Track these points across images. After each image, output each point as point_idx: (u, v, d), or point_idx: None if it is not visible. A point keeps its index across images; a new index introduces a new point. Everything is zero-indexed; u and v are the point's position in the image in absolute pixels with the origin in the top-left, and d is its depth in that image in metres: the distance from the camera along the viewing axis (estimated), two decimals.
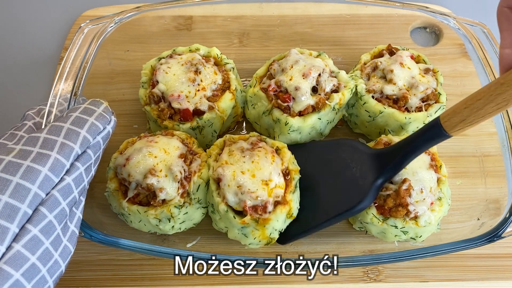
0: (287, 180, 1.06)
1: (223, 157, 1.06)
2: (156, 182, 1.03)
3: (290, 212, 1.04)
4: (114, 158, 1.12)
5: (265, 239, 1.05)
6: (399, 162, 1.02)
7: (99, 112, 0.96)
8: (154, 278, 1.13)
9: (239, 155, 1.06)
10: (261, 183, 1.01)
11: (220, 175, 1.03)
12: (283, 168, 1.06)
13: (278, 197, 1.02)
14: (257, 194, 1.00)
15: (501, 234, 1.01)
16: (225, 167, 1.03)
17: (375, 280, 1.13)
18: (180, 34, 1.47)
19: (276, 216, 1.01)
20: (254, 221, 1.00)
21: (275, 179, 1.03)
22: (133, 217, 1.07)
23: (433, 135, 0.93)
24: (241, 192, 1.00)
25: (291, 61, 1.21)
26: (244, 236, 1.05)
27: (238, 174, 1.02)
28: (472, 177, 1.24)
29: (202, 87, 1.20)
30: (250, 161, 1.04)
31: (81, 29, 1.22)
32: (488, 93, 0.79)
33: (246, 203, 1.00)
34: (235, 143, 1.10)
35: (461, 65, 1.41)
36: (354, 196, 1.03)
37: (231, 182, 1.01)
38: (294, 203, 1.05)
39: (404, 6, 1.35)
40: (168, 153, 1.07)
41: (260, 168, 1.03)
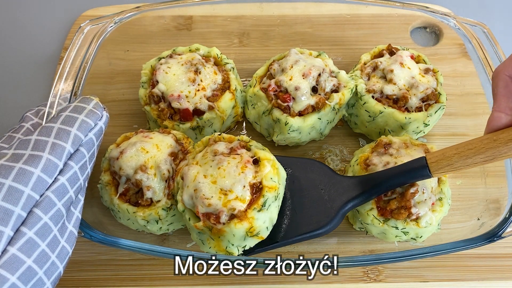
0: (256, 196, 0.95)
1: (197, 157, 1.01)
2: (145, 179, 1.03)
3: (251, 230, 0.93)
4: (110, 149, 1.13)
5: (222, 252, 0.97)
6: (374, 192, 1.01)
7: (89, 109, 0.95)
8: (154, 278, 1.13)
9: (210, 157, 0.99)
10: (219, 192, 0.93)
11: (183, 174, 0.98)
12: (255, 182, 0.95)
13: (234, 210, 0.92)
14: (210, 202, 0.92)
15: (501, 234, 1.01)
16: (191, 167, 0.98)
17: (375, 280, 1.13)
18: (180, 34, 1.47)
19: (230, 230, 0.91)
20: (208, 229, 0.94)
21: (237, 191, 0.93)
22: (122, 214, 1.07)
23: (417, 175, 0.96)
24: (196, 196, 0.94)
25: (291, 61, 1.21)
26: (201, 242, 1.00)
27: (200, 177, 0.95)
28: (472, 177, 1.24)
29: (202, 87, 1.20)
30: (216, 166, 0.96)
31: (81, 29, 1.22)
32: (480, 146, 0.85)
33: (197, 208, 0.94)
34: (215, 144, 1.03)
35: (461, 65, 1.41)
36: (319, 219, 0.99)
37: (190, 184, 0.96)
38: (259, 222, 0.94)
39: (404, 6, 1.35)
40: (159, 150, 1.07)
41: (224, 176, 0.94)
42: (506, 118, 0.84)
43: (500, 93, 0.85)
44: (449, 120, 1.33)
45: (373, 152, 1.13)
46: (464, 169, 0.90)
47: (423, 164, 0.94)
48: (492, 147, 0.84)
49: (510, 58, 0.85)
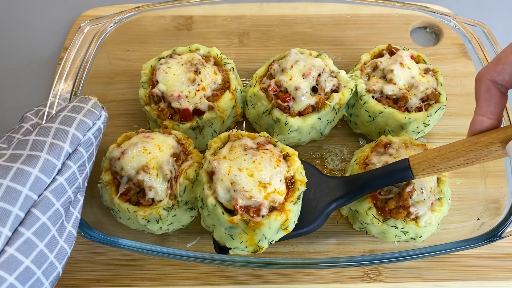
0: (290, 189, 0.97)
1: (222, 152, 0.99)
2: (147, 179, 1.03)
3: (286, 223, 0.94)
4: (110, 149, 1.13)
5: (252, 246, 0.96)
6: (358, 192, 1.03)
7: (88, 108, 0.95)
8: (154, 278, 1.13)
9: (240, 152, 0.98)
10: (258, 185, 0.93)
11: (214, 168, 0.95)
12: (288, 176, 0.97)
13: (275, 202, 0.93)
14: (251, 194, 0.91)
15: (501, 234, 1.01)
16: (222, 161, 0.96)
17: (375, 280, 1.13)
18: (180, 34, 1.47)
19: (269, 222, 0.91)
20: (243, 223, 0.91)
21: (275, 184, 0.94)
22: (122, 213, 1.07)
23: (400, 176, 0.98)
24: (234, 189, 0.92)
25: (291, 61, 1.20)
26: (230, 238, 0.96)
27: (235, 170, 0.94)
28: (472, 177, 1.23)
29: (202, 87, 1.20)
30: (251, 160, 0.96)
31: (81, 29, 1.22)
32: (461, 148, 0.88)
33: (237, 201, 0.91)
34: (240, 140, 1.02)
35: (461, 65, 1.41)
36: (303, 218, 1.00)
37: (225, 177, 0.93)
38: (293, 215, 0.96)
39: (404, 6, 1.35)
40: (161, 151, 1.07)
41: (261, 169, 0.95)
42: (487, 122, 0.86)
43: (482, 97, 0.87)
44: (449, 120, 1.33)
45: (373, 152, 1.13)
46: (446, 171, 0.92)
47: (405, 166, 0.96)
48: (473, 150, 0.86)
49: (492, 62, 0.85)
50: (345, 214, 1.18)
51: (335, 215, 1.20)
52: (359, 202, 1.10)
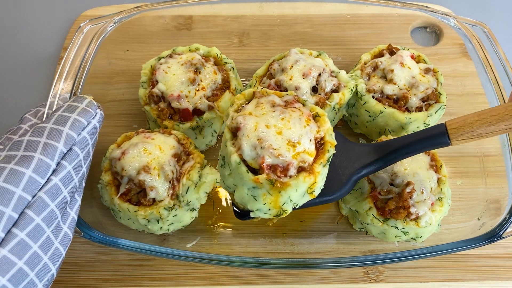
0: (320, 151, 0.90)
1: (248, 108, 0.92)
2: (148, 179, 1.03)
3: (313, 186, 0.88)
4: (111, 149, 1.12)
5: (276, 209, 0.89)
6: (389, 159, 0.98)
7: (82, 107, 0.94)
8: (154, 278, 1.13)
9: (267, 108, 0.91)
10: (286, 143, 0.86)
11: (239, 124, 0.88)
12: (318, 137, 0.91)
13: (304, 163, 0.86)
14: (280, 152, 0.85)
15: (501, 234, 1.01)
16: (247, 117, 0.89)
17: (375, 281, 1.12)
18: (180, 34, 1.47)
19: (296, 184, 0.85)
20: (269, 183, 0.85)
21: (305, 143, 0.88)
22: (123, 214, 1.07)
23: (436, 142, 0.93)
24: (261, 146, 0.85)
25: (291, 61, 1.20)
26: (253, 199, 0.89)
27: (262, 127, 0.87)
28: (472, 177, 1.23)
29: (202, 87, 1.19)
30: (279, 117, 0.89)
31: (81, 28, 1.22)
32: (504, 112, 0.84)
33: (264, 159, 0.85)
34: (266, 96, 0.95)
35: (462, 65, 1.40)
36: (329, 185, 0.94)
37: (251, 133, 0.87)
38: (320, 179, 0.89)
39: (404, 6, 1.35)
40: (162, 151, 1.07)
41: (290, 127, 0.88)
42: None
43: None
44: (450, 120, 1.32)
45: None
46: (485, 136, 0.87)
47: (442, 131, 0.91)
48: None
49: None
50: (345, 214, 1.18)
51: (335, 215, 1.20)
52: (359, 202, 1.09)
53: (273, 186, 0.85)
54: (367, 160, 0.98)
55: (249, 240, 1.16)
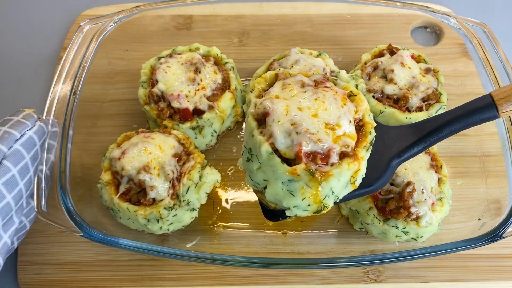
0: (361, 134, 0.80)
1: (273, 91, 0.81)
2: (148, 179, 1.03)
3: (356, 174, 0.78)
4: (110, 149, 1.12)
5: (317, 204, 0.78)
6: (431, 138, 0.88)
7: (17, 119, 0.88)
8: (154, 278, 1.12)
9: (297, 89, 0.81)
10: (324, 126, 0.76)
11: (267, 108, 0.77)
12: (356, 118, 0.81)
13: (347, 147, 0.76)
14: (318, 137, 0.74)
15: (502, 234, 1.01)
16: (275, 100, 0.78)
17: (375, 281, 1.12)
18: (180, 34, 1.47)
19: (340, 172, 0.75)
20: (308, 173, 0.74)
21: (345, 125, 0.77)
22: (122, 213, 1.07)
23: (483, 116, 0.84)
24: (297, 132, 0.75)
25: (291, 60, 1.20)
26: (289, 194, 0.78)
27: (294, 109, 0.77)
28: (473, 177, 1.23)
29: (202, 86, 1.19)
30: (312, 98, 0.79)
31: (81, 28, 1.22)
32: None
33: (301, 146, 0.74)
34: (293, 77, 0.85)
35: (462, 65, 1.40)
36: (367, 174, 0.83)
37: (282, 118, 0.76)
38: (364, 165, 0.79)
39: (404, 6, 1.35)
40: (163, 151, 1.07)
41: (326, 108, 0.78)
42: None
43: None
44: None
45: None
46: None
47: (489, 102, 0.83)
48: None
49: None
50: (345, 214, 1.18)
51: (335, 215, 1.20)
52: (360, 202, 1.09)
53: (313, 177, 0.74)
54: (405, 143, 0.89)
55: (249, 240, 1.15)
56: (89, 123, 1.28)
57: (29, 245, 1.15)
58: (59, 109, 1.09)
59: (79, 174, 1.12)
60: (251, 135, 0.79)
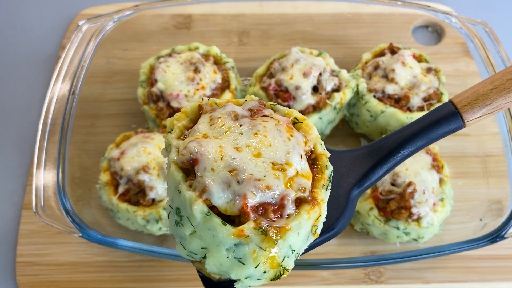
0: (315, 170, 0.66)
1: (199, 129, 0.65)
2: (148, 179, 1.02)
3: (317, 221, 0.64)
4: (110, 149, 1.11)
5: (274, 269, 0.62)
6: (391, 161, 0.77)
7: None
8: (153, 279, 1.12)
9: (230, 123, 0.66)
10: (271, 168, 0.61)
11: (194, 154, 0.61)
12: (307, 150, 0.67)
13: (303, 190, 0.62)
14: (267, 183, 0.59)
15: (503, 235, 1.00)
16: (203, 141, 0.62)
17: (376, 282, 1.11)
18: (179, 33, 1.46)
19: (299, 224, 0.60)
20: (259, 232, 0.59)
21: (296, 162, 0.63)
22: (121, 214, 1.06)
23: (446, 128, 0.74)
24: (238, 180, 0.59)
25: (291, 60, 1.19)
26: (237, 263, 0.61)
27: (230, 151, 0.61)
28: (474, 177, 1.23)
29: (201, 86, 1.19)
30: (251, 132, 0.64)
31: (79, 27, 1.21)
32: None
33: (247, 199, 0.58)
34: (221, 108, 0.69)
35: (463, 64, 1.40)
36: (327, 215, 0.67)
37: (217, 164, 0.60)
38: (324, 209, 0.66)
39: (405, 5, 1.34)
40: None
41: (269, 143, 0.63)
42: None
43: None
44: None
45: None
46: (504, 108, 0.71)
47: (451, 110, 0.72)
48: None
49: None
50: None
51: None
52: (361, 202, 1.09)
53: (266, 237, 0.59)
54: (363, 169, 0.77)
55: None
56: (88, 123, 1.27)
57: (27, 245, 1.14)
58: (58, 109, 1.08)
59: (78, 175, 1.11)
60: (177, 190, 0.62)
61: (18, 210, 1.20)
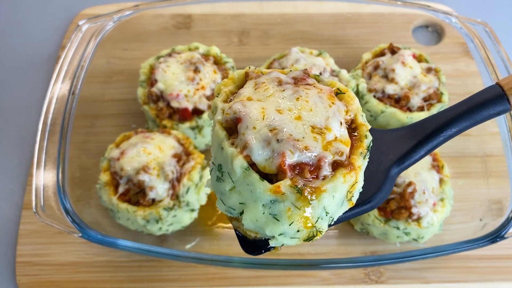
0: (354, 138, 0.67)
1: (244, 92, 0.68)
2: (148, 179, 1.02)
3: (353, 188, 0.65)
4: (110, 149, 1.11)
5: (308, 229, 0.63)
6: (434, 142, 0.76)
7: None
8: (153, 279, 1.12)
9: (273, 88, 0.68)
10: (311, 130, 0.63)
11: (237, 113, 0.64)
12: (348, 119, 0.68)
13: (341, 154, 0.63)
14: (305, 144, 0.61)
15: (503, 235, 1.00)
16: (247, 102, 0.65)
17: (376, 282, 1.11)
18: (179, 33, 1.46)
19: (334, 187, 0.61)
20: (295, 191, 0.60)
21: (336, 128, 0.64)
22: (121, 214, 1.06)
23: (492, 110, 0.73)
24: (277, 139, 0.61)
25: (291, 60, 1.19)
26: (272, 220, 0.63)
27: (272, 112, 0.64)
28: (474, 177, 1.23)
29: (201, 86, 1.18)
30: (293, 97, 0.66)
31: (79, 27, 1.21)
32: None
33: (285, 157, 0.60)
34: (266, 74, 0.72)
35: (463, 64, 1.40)
36: (364, 189, 0.69)
37: (259, 123, 0.62)
38: (361, 177, 0.66)
39: (406, 5, 1.34)
40: (162, 151, 1.06)
41: (310, 108, 0.65)
42: None
43: None
44: None
45: None
46: None
47: (497, 93, 0.72)
48: None
49: None
50: None
51: None
52: None
53: (301, 196, 0.60)
54: (404, 148, 0.77)
55: None
56: (88, 123, 1.27)
57: (27, 246, 1.14)
58: (58, 109, 1.08)
59: (78, 175, 1.11)
60: (220, 147, 0.65)
61: (18, 210, 1.20)
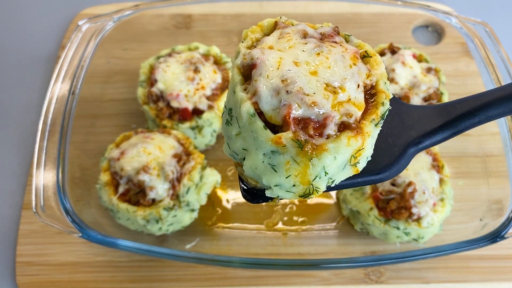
0: (370, 104, 0.65)
1: (268, 40, 0.67)
2: (148, 179, 1.02)
3: (358, 154, 0.63)
4: (110, 149, 1.11)
5: (304, 185, 0.63)
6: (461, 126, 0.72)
7: None
8: (153, 279, 1.12)
9: (296, 39, 0.67)
10: (324, 88, 0.62)
11: (254, 59, 0.63)
12: (368, 84, 0.66)
13: (350, 116, 0.61)
14: (314, 99, 0.60)
15: (504, 235, 1.00)
16: (267, 51, 0.65)
17: (376, 282, 1.11)
18: (179, 33, 1.46)
19: (336, 147, 0.60)
20: (296, 145, 0.60)
21: (351, 89, 0.62)
22: (121, 214, 1.06)
23: None
24: (287, 90, 0.60)
25: None
26: (270, 170, 0.63)
27: (288, 63, 0.63)
28: (474, 177, 1.22)
29: (201, 86, 1.18)
30: (314, 52, 0.65)
31: (79, 27, 1.21)
32: None
33: (291, 109, 0.60)
34: (294, 26, 0.70)
35: (464, 64, 1.40)
36: (377, 158, 0.68)
37: (272, 72, 0.62)
38: (370, 144, 0.65)
39: (406, 5, 1.34)
40: (162, 151, 1.06)
41: (329, 65, 0.63)
42: None
43: None
44: None
45: None
46: None
47: None
48: None
49: None
50: (346, 215, 1.17)
51: (336, 216, 1.19)
52: (361, 202, 1.08)
53: (301, 151, 0.60)
54: (429, 127, 0.73)
55: (249, 241, 1.15)
56: (88, 123, 1.27)
57: (27, 246, 1.14)
58: (58, 109, 1.08)
59: (78, 175, 1.11)
60: (233, 91, 0.65)
61: (18, 210, 1.20)
